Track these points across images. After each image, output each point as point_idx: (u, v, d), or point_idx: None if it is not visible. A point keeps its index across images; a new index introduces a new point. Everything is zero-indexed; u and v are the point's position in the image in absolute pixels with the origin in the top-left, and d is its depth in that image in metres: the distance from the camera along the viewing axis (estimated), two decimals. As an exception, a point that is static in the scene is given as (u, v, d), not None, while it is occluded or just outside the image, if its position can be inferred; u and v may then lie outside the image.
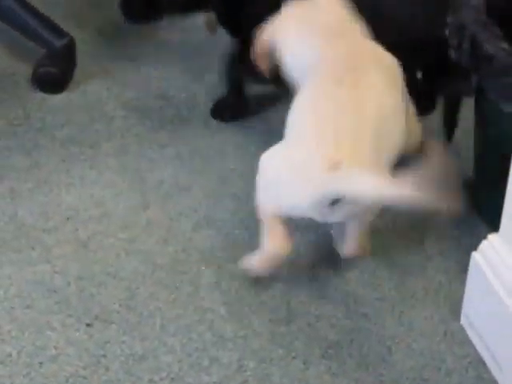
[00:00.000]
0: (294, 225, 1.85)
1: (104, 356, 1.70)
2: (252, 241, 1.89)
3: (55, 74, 2.29)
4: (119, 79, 2.42)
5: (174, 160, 2.12)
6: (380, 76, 1.88)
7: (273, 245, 1.81)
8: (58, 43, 2.32)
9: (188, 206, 2.00)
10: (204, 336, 1.75)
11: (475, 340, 1.78)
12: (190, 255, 1.88)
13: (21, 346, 1.71)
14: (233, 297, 1.82)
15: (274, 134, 1.95)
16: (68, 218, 1.94)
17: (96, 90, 2.33)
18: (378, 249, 1.91)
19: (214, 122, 2.26)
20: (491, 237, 1.68)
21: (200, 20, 2.47)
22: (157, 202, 1.99)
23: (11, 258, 1.84)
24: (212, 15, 2.42)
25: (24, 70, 2.36)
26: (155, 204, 1.98)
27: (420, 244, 1.96)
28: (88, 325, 1.75)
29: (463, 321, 1.81)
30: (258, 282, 1.82)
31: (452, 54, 1.92)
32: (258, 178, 1.81)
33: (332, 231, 1.98)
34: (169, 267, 1.85)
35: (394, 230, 1.97)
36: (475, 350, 1.76)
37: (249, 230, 1.95)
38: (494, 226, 1.72)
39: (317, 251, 1.96)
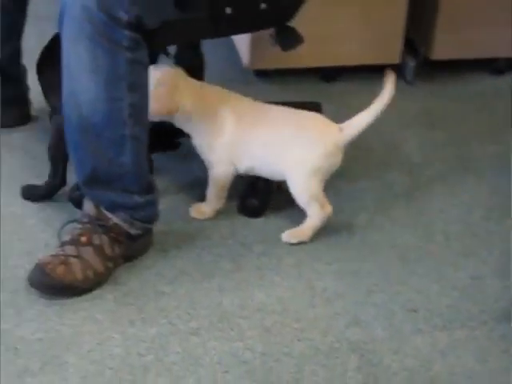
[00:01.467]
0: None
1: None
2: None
3: (256, 205, 2.53)
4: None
5: (336, 274, 2.34)
6: None
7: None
8: (260, 181, 2.51)
9: (341, 308, 2.21)
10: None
11: None
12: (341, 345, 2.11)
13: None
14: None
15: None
16: (258, 310, 2.20)
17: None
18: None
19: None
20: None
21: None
22: (322, 302, 2.23)
23: (216, 335, 2.12)
24: None
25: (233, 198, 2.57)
26: (320, 304, 2.22)
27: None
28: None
29: None
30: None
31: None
32: None
33: None
34: (326, 352, 2.07)
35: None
36: None
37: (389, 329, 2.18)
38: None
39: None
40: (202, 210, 2.51)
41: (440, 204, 2.62)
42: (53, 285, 2.21)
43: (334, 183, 2.59)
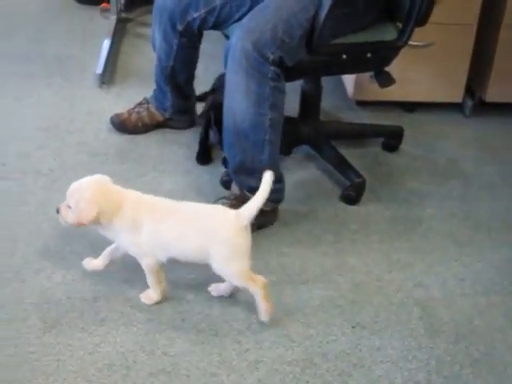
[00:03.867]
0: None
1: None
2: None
3: (353, 196, 2.52)
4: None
5: (407, 250, 2.35)
6: None
7: None
8: (357, 179, 2.53)
9: (410, 274, 2.20)
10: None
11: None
12: (408, 301, 2.14)
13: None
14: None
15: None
16: (350, 270, 2.21)
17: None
18: None
19: None
20: None
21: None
22: (396, 269, 2.23)
23: (319, 286, 2.14)
24: None
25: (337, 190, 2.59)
26: (395, 270, 2.22)
27: None
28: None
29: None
30: None
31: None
32: None
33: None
34: (398, 304, 2.11)
35: None
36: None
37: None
38: None
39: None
40: (150, 296, 2.11)
41: (486, 205, 2.59)
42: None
43: (408, 184, 2.64)
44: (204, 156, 2.70)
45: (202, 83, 2.84)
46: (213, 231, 1.98)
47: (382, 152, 2.84)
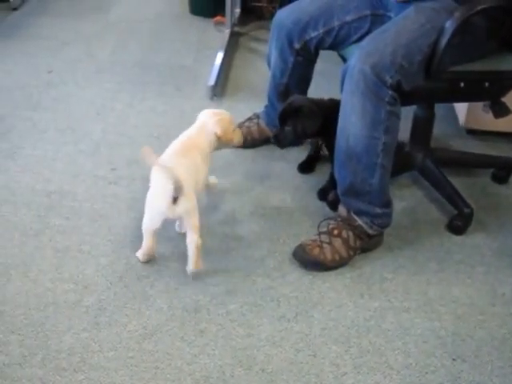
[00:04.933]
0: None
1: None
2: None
3: (460, 226, 2.47)
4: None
5: None
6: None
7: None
8: (465, 209, 2.49)
9: None
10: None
11: None
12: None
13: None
14: None
15: None
16: (453, 301, 2.16)
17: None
18: None
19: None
20: None
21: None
22: (500, 303, 2.16)
23: (421, 315, 2.10)
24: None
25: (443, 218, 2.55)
26: (499, 304, 2.15)
27: None
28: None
29: None
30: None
31: None
32: None
33: None
34: (500, 340, 2.04)
35: None
36: None
37: None
38: None
39: None
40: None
41: None
42: (309, 260, 2.28)
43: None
44: (306, 166, 2.77)
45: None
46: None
47: (491, 183, 2.77)
